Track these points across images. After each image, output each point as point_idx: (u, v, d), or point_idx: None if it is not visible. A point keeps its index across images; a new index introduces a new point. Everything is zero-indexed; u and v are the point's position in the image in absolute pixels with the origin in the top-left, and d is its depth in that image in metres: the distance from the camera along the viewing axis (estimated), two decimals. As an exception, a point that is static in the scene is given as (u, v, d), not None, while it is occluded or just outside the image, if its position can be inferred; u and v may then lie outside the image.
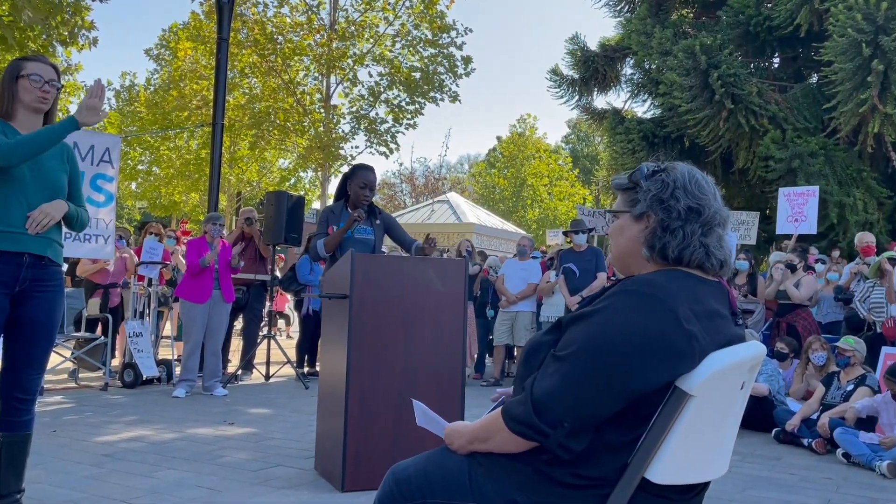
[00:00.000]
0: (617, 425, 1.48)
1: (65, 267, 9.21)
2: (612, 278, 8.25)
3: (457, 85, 18.08)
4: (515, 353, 9.36)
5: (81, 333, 7.61)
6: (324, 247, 4.78)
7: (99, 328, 8.10)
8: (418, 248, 4.82)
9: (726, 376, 1.50)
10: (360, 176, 4.85)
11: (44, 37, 10.74)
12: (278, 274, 9.51)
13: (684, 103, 12.92)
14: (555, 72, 16.72)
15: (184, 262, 8.80)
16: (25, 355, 2.98)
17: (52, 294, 3.04)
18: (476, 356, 9.63)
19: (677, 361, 1.43)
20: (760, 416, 5.95)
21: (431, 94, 17.99)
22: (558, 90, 16.74)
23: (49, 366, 7.32)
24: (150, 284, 7.94)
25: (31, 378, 3.00)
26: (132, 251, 8.47)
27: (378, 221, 4.93)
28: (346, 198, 4.92)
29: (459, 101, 18.07)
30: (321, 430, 4.18)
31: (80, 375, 7.84)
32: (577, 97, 16.82)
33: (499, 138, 40.84)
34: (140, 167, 23.30)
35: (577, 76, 16.59)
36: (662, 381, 1.44)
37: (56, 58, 14.15)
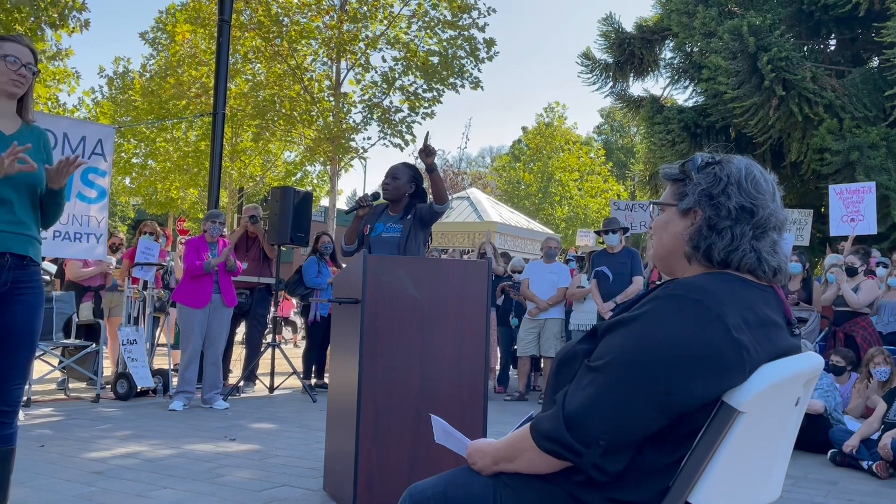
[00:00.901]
0: (658, 445, 1.46)
1: (53, 268, 9.33)
2: (657, 283, 8.20)
3: (478, 70, 18.07)
4: (542, 366, 9.34)
5: (71, 341, 7.69)
6: (343, 238, 4.97)
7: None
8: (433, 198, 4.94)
9: (780, 391, 1.48)
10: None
11: (31, 19, 10.88)
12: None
13: (730, 90, 12.82)
14: (586, 55, 16.68)
15: (181, 264, 8.88)
16: (7, 364, 3.00)
17: (33, 296, 3.07)
18: (499, 368, 9.62)
19: (725, 374, 1.42)
20: (815, 435, 5.88)
21: (451, 80, 17.98)
22: (590, 76, 16.69)
23: (36, 375, 7.41)
24: (145, 288, 8.01)
25: (13, 388, 3.03)
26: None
27: (409, 216, 4.91)
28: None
29: (481, 87, 18.03)
30: (330, 448, 4.19)
31: (70, 386, 7.92)
32: (610, 83, 16.77)
33: (524, 129, 40.79)
34: (135, 160, 23.48)
35: (611, 60, 16.54)
36: (709, 396, 1.43)
37: (45, 41, 14.33)
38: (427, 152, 4.74)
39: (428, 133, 4.76)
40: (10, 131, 3.10)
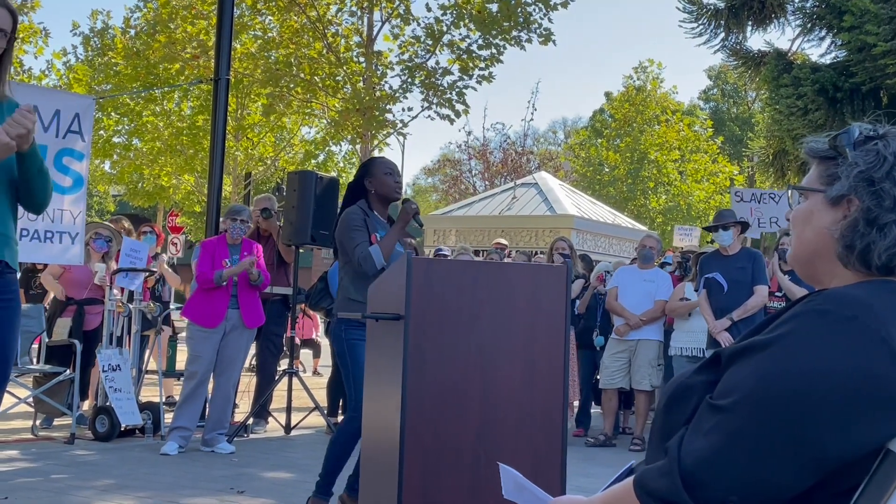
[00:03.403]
0: (802, 506, 1.44)
1: (17, 274, 9.51)
2: (777, 294, 8.07)
3: (549, 20, 17.99)
4: (635, 402, 9.25)
5: (40, 366, 7.84)
6: (381, 254, 5.00)
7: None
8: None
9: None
10: (379, 164, 5.31)
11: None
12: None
13: (881, 42, 12.57)
14: (690, -1, 16.50)
15: (170, 270, 9.03)
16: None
17: (8, 310, 3.12)
18: (578, 403, 9.55)
19: (891, 413, 1.40)
20: None
21: (514, 33, 17.94)
22: (695, 25, 16.49)
23: None
24: (130, 299, 8.13)
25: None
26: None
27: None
28: (363, 199, 5.24)
29: (553, 42, 17.98)
30: (365, 503, 4.20)
31: (38, 423, 8.09)
32: (722, 35, 16.54)
33: (608, 95, 40.53)
34: (116, 140, 23.88)
35: (722, 4, 16.34)
36: (871, 444, 1.41)
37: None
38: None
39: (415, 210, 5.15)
40: None
